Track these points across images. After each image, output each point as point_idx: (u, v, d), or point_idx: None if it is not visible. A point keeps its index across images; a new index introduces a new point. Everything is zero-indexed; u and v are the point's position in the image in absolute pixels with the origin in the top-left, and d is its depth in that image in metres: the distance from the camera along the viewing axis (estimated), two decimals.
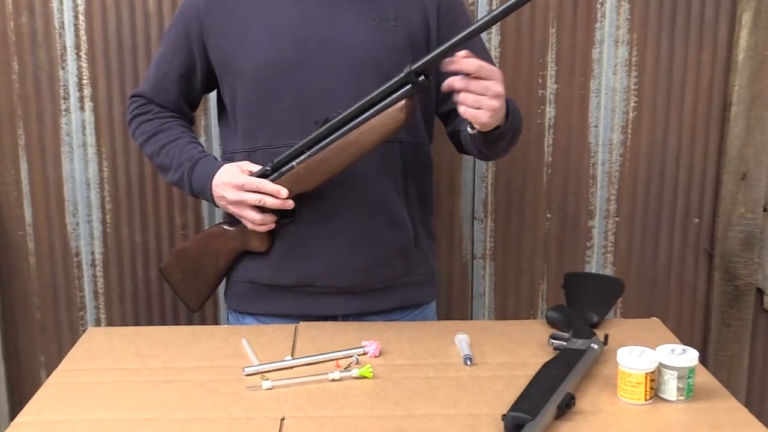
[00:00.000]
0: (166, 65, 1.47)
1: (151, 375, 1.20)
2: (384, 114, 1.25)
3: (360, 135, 1.27)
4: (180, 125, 1.49)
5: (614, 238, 1.96)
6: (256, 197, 1.34)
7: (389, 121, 1.25)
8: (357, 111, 1.28)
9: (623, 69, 1.88)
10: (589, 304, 1.39)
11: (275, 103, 1.36)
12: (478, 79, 1.19)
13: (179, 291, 1.50)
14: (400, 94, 1.24)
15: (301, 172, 1.32)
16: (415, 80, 1.22)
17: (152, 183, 1.91)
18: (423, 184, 1.49)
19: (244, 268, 1.46)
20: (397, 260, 1.43)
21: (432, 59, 1.21)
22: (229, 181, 1.36)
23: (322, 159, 1.30)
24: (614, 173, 1.93)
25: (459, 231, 1.97)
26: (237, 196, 1.35)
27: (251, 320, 1.48)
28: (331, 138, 1.29)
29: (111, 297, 1.96)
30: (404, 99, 1.24)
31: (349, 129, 1.28)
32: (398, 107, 1.24)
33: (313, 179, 1.32)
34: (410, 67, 1.22)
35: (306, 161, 1.31)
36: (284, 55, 1.35)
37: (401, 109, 1.24)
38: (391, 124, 1.25)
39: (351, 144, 1.28)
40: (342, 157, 1.29)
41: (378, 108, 1.26)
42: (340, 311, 1.44)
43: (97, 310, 1.97)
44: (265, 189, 1.33)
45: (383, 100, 1.26)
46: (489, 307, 2.01)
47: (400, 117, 1.25)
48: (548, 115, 1.90)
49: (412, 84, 1.23)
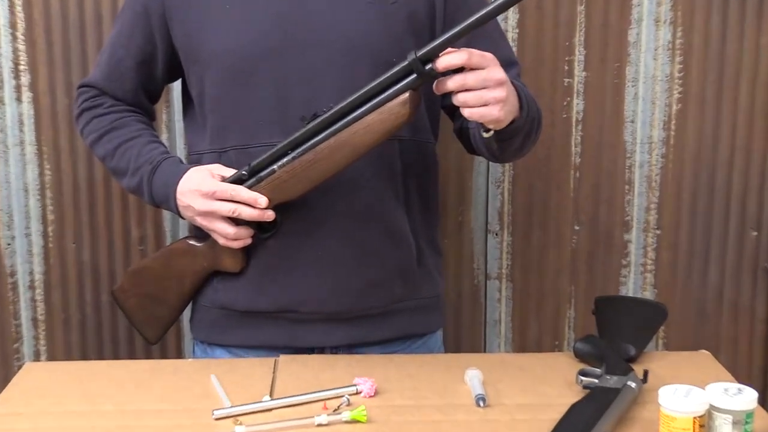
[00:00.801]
0: (122, 50, 1.48)
1: (103, 419, 1.20)
2: (384, 109, 1.25)
3: (355, 134, 1.27)
4: (138, 121, 1.50)
5: (655, 254, 1.97)
6: (229, 207, 1.35)
7: (390, 118, 1.25)
8: (351, 105, 1.27)
9: (665, 53, 1.89)
10: (625, 333, 1.40)
11: (251, 94, 1.37)
12: (473, 71, 1.20)
13: (135, 319, 1.51)
14: (403, 86, 1.24)
15: (283, 177, 1.32)
16: (421, 69, 1.21)
17: (104, 189, 1.91)
18: (427, 190, 1.50)
19: (214, 290, 1.46)
20: (396, 281, 1.44)
21: (442, 44, 1.20)
22: (196, 187, 1.37)
23: (309, 162, 1.30)
24: (654, 177, 1.94)
25: (470, 246, 1.98)
26: (206, 206, 1.36)
27: (222, 353, 1.49)
28: (321, 137, 1.29)
29: (53, 325, 1.96)
30: (408, 91, 1.24)
31: (342, 126, 1.28)
32: (401, 101, 1.24)
33: (297, 186, 1.32)
34: (415, 54, 1.21)
35: (290, 164, 1.31)
36: (262, 38, 1.36)
37: (404, 103, 1.24)
38: (392, 121, 1.25)
39: (344, 145, 1.28)
40: (333, 160, 1.29)
41: (377, 102, 1.25)
42: (328, 342, 1.44)
43: (36, 342, 1.97)
44: (240, 197, 1.34)
45: (383, 93, 1.25)
46: (506, 337, 2.02)
47: (403, 113, 1.24)
48: (576, 109, 1.92)
49: (418, 73, 1.22)
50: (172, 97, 1.87)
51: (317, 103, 1.31)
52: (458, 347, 1.99)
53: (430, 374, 1.33)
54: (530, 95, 1.36)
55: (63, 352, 1.97)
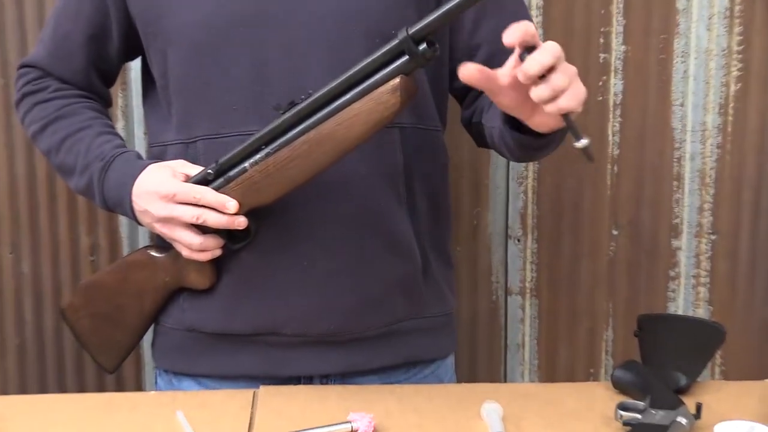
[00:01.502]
0: (69, 23, 1.48)
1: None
2: (371, 97, 1.25)
3: (338, 125, 1.27)
4: (89, 108, 1.50)
5: (710, 264, 1.98)
6: (192, 212, 1.35)
7: (378, 107, 1.25)
8: (333, 92, 1.27)
9: (722, 23, 1.90)
10: (673, 359, 1.40)
11: (223, 74, 1.38)
12: (554, 69, 1.13)
13: (88, 343, 1.51)
14: (393, 70, 1.23)
15: (256, 177, 1.32)
16: (414, 49, 1.21)
17: (47, 187, 1.92)
18: (435, 188, 1.50)
19: (180, 310, 1.47)
20: (398, 297, 1.45)
21: (438, 19, 1.19)
22: (155, 189, 1.37)
23: (285, 159, 1.30)
24: (709, 172, 1.95)
25: (487, 255, 1.98)
26: (166, 211, 1.36)
27: (191, 384, 1.49)
28: (298, 130, 1.29)
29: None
30: (399, 76, 1.23)
31: (323, 118, 1.28)
32: (390, 87, 1.23)
33: (273, 188, 1.32)
34: (407, 31, 1.20)
35: (263, 162, 1.31)
36: (235, 5, 1.37)
37: (394, 90, 1.23)
38: (380, 111, 1.25)
39: (325, 139, 1.28)
40: (313, 157, 1.29)
41: (362, 89, 1.25)
42: (317, 370, 1.45)
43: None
44: (206, 200, 1.34)
45: (371, 76, 1.25)
46: (530, 364, 2.02)
47: (392, 101, 1.24)
48: (613, 90, 1.92)
49: (410, 55, 1.22)
50: (130, 78, 1.88)
51: (301, 85, 1.31)
52: (473, 376, 2.00)
53: (439, 408, 1.33)
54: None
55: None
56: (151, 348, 1.55)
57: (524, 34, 1.11)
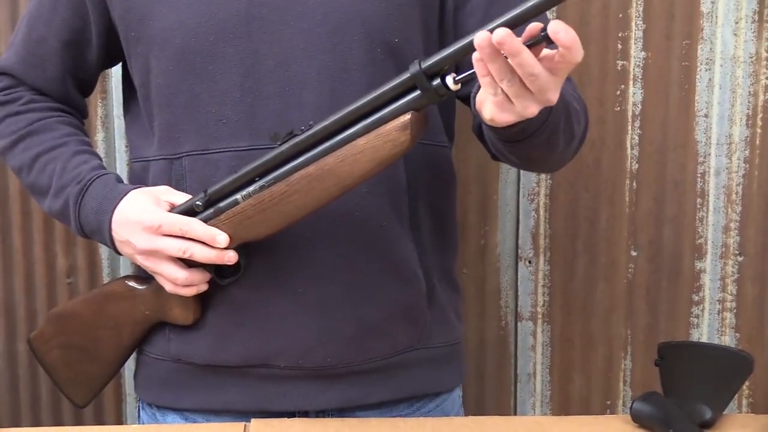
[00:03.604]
0: (42, 26, 1.48)
1: None
2: (378, 133, 1.24)
3: (341, 161, 1.26)
4: (64, 123, 1.50)
5: (736, 288, 1.97)
6: (179, 246, 1.34)
7: (385, 145, 1.24)
8: (337, 124, 1.26)
9: (749, 27, 1.90)
10: (697, 390, 1.40)
11: (210, 84, 1.37)
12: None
13: (59, 377, 1.50)
14: (403, 104, 1.23)
15: (249, 212, 1.31)
16: (426, 85, 1.20)
17: (20, 205, 1.92)
18: (440, 206, 1.50)
19: (165, 339, 1.46)
20: (400, 326, 1.44)
21: (454, 53, 1.17)
22: (137, 218, 1.36)
23: (281, 195, 1.29)
24: (735, 188, 1.94)
25: (496, 278, 1.98)
26: (150, 244, 1.35)
27: (176, 418, 1.48)
28: (298, 162, 1.28)
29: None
30: (410, 112, 1.23)
31: (326, 151, 1.27)
32: (400, 124, 1.23)
33: (267, 223, 1.31)
34: (420, 65, 1.19)
35: (257, 196, 1.30)
36: (225, 10, 1.36)
37: (404, 127, 1.23)
38: (387, 149, 1.24)
39: (326, 175, 1.27)
40: (311, 193, 1.28)
41: (370, 122, 1.24)
42: (312, 405, 1.44)
43: None
44: (194, 233, 1.33)
45: (378, 110, 1.24)
46: (542, 395, 2.02)
47: (402, 139, 1.23)
48: (632, 100, 1.92)
49: (422, 90, 1.21)
50: (110, 87, 1.88)
51: (295, 96, 1.32)
52: (480, 408, 2.00)
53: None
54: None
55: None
56: (133, 379, 1.55)
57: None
